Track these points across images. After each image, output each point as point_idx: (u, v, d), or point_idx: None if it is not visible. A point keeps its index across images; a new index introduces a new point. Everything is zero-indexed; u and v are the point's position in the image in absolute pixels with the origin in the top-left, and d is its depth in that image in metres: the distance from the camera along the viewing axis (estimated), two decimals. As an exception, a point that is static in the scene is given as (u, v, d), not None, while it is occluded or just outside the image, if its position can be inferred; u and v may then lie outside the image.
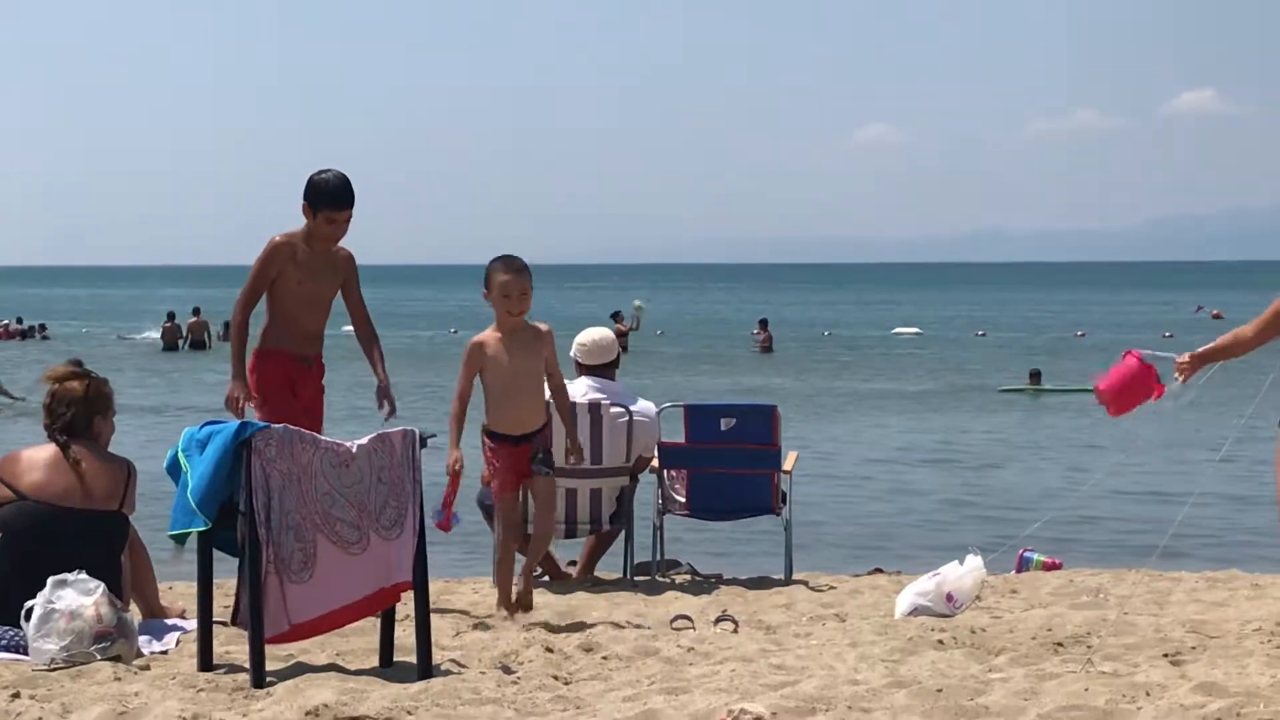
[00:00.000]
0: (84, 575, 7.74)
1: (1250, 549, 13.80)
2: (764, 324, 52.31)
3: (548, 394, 9.00)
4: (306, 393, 9.14)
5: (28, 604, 7.68)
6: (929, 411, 30.92)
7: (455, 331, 58.75)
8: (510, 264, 8.83)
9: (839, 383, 38.57)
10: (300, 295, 9.08)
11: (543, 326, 8.95)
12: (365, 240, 9.38)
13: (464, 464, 8.64)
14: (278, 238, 9.09)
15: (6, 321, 59.84)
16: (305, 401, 9.09)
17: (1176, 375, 7.97)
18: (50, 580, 7.70)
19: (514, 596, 8.94)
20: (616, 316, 46.70)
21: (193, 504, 7.31)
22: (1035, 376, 35.65)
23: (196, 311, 55.16)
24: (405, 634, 7.69)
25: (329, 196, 9.00)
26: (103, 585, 7.75)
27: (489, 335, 8.87)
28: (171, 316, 54.11)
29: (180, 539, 7.50)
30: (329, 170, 9.08)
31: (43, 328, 59.09)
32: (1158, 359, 8.27)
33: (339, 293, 9.25)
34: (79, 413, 8.51)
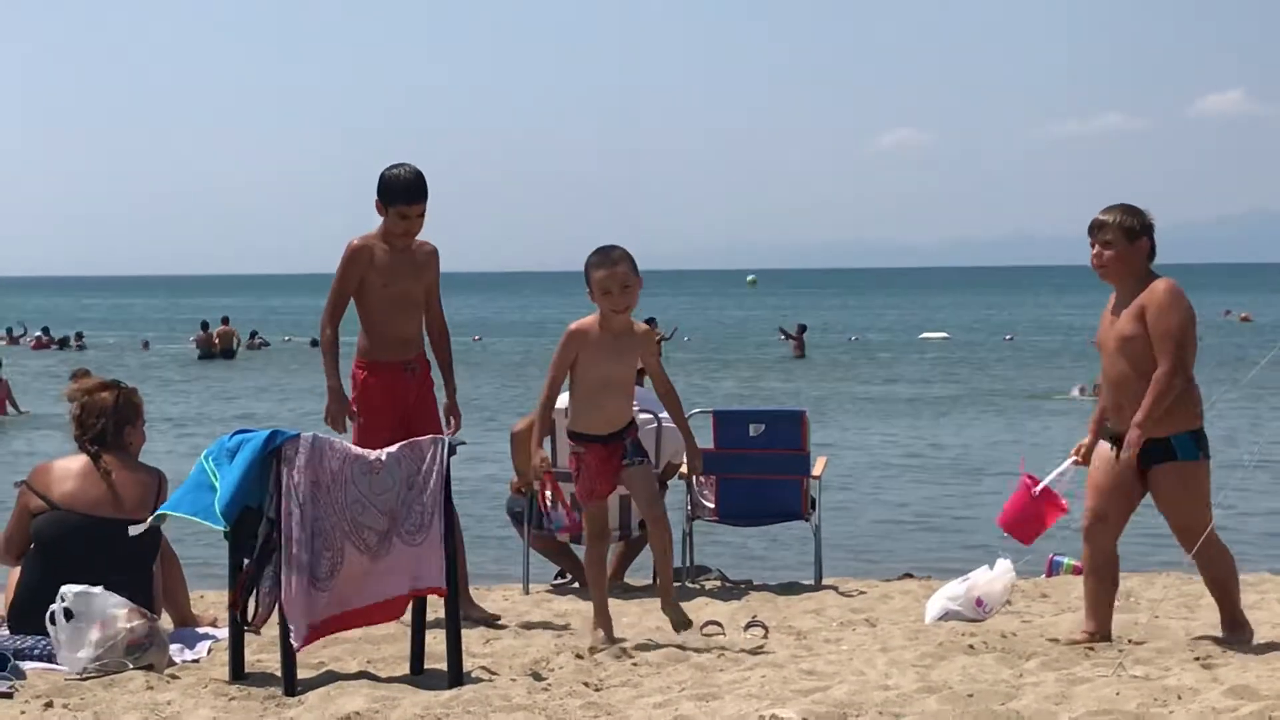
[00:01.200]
0: (102, 590, 7.72)
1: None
2: (801, 329, 52.34)
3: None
4: (407, 400, 8.90)
5: (51, 608, 7.69)
6: (957, 414, 30.89)
7: (478, 339, 58.65)
8: (607, 257, 8.08)
9: (862, 387, 38.60)
10: (387, 298, 8.88)
11: (641, 326, 8.33)
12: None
13: (549, 461, 8.32)
14: (355, 241, 8.91)
15: (39, 333, 60.17)
16: (406, 409, 8.86)
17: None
18: (72, 590, 7.68)
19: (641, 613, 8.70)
20: (651, 323, 46.73)
21: (217, 511, 7.30)
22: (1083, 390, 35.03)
23: (225, 321, 55.70)
24: (436, 641, 7.66)
25: (401, 192, 8.80)
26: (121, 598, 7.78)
27: (590, 323, 8.17)
28: (205, 326, 54.71)
29: (159, 519, 7.60)
30: (401, 165, 8.87)
31: (79, 337, 59.40)
32: (1055, 479, 8.64)
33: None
34: (109, 423, 8.54)
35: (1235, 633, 8.20)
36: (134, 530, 8.00)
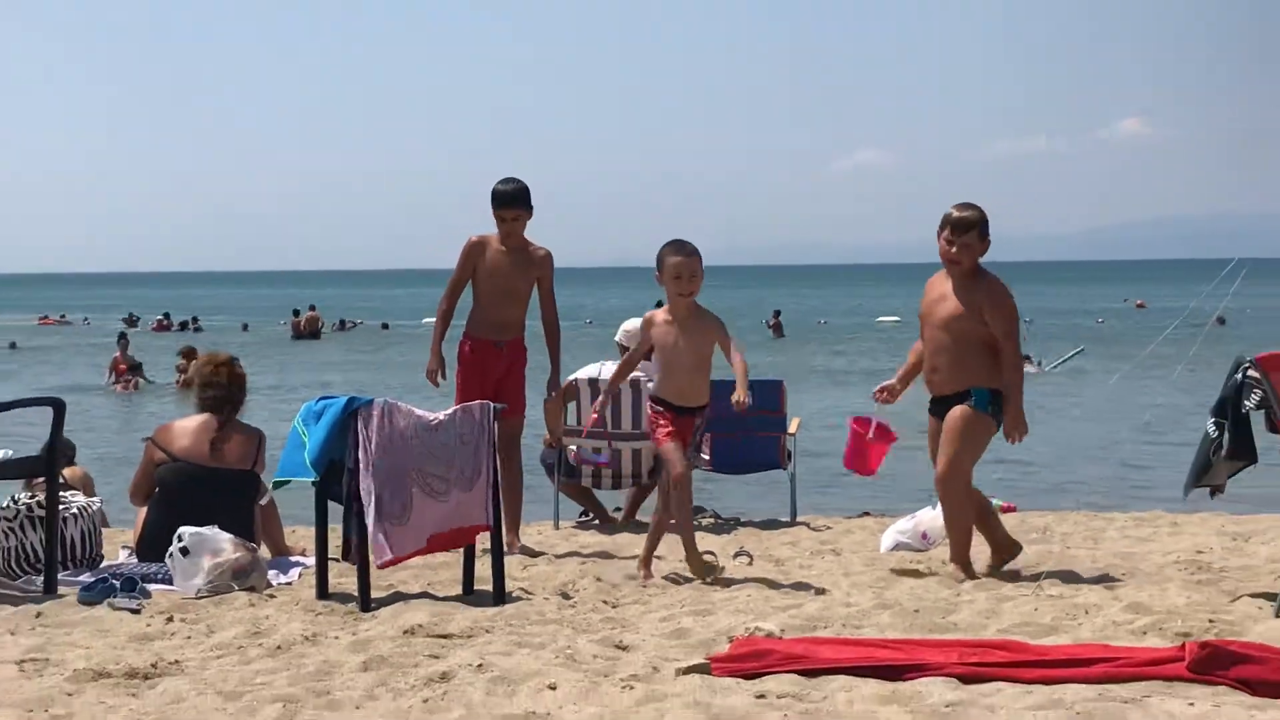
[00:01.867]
0: (215, 528, 7.84)
1: (1172, 492, 13.79)
2: (777, 314, 52.41)
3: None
4: (496, 372, 9.03)
5: (170, 549, 7.77)
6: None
7: (590, 322, 57.84)
8: (681, 248, 7.89)
9: (827, 360, 38.64)
10: (490, 287, 9.03)
11: (712, 313, 7.99)
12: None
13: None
14: (473, 237, 9.10)
15: (160, 317, 60.84)
16: (495, 379, 9.00)
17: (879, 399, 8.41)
18: (188, 529, 7.80)
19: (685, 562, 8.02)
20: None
21: (308, 463, 7.39)
22: (1026, 359, 35.07)
23: (312, 308, 55.96)
24: (483, 567, 7.74)
25: (498, 200, 8.98)
26: (228, 533, 7.87)
27: (659, 313, 8.04)
28: (297, 313, 55.27)
29: (279, 484, 7.62)
30: (508, 179, 9.03)
31: (195, 320, 60.07)
32: (874, 417, 8.63)
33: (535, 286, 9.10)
34: (221, 391, 8.63)
35: (963, 570, 7.95)
36: (262, 500, 8.42)
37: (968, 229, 8.00)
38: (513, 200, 8.96)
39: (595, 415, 8.32)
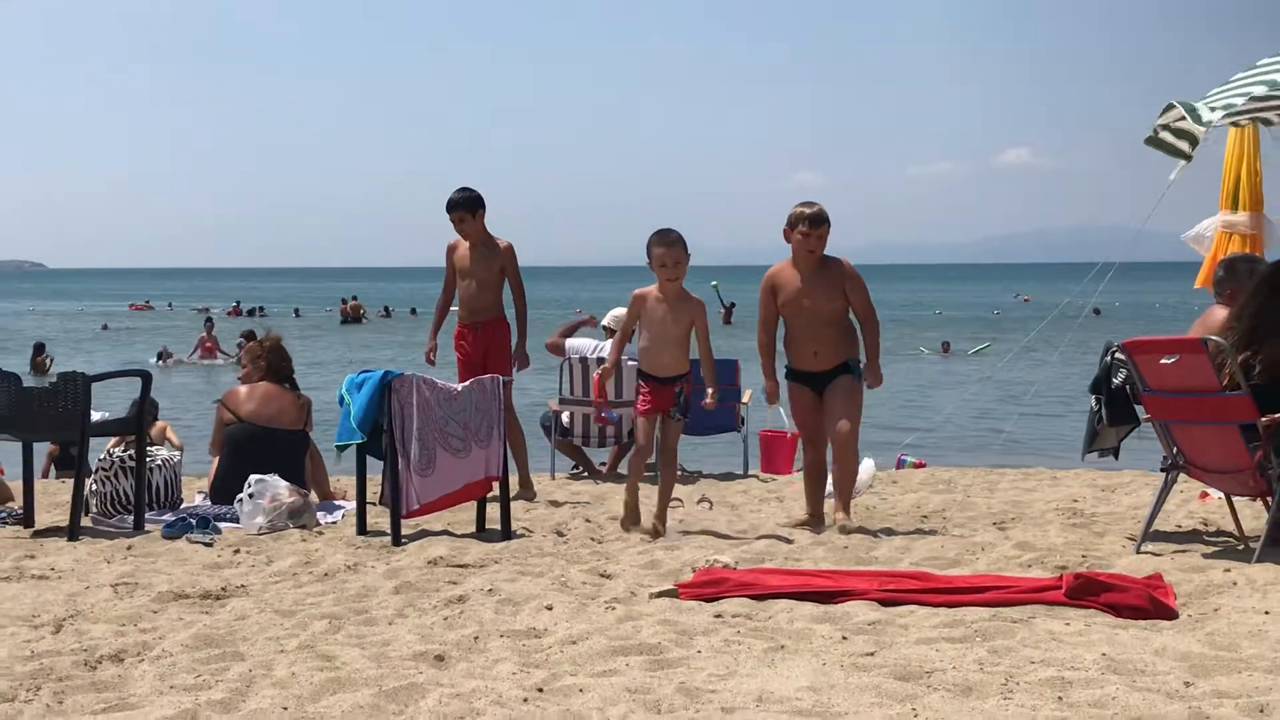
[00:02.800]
0: (276, 476, 7.84)
1: (1053, 452, 13.87)
2: (731, 305, 52.08)
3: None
4: (473, 347, 9.00)
5: (239, 495, 7.76)
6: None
7: (579, 311, 57.49)
8: (665, 238, 7.35)
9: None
10: (463, 279, 9.01)
11: (697, 297, 7.43)
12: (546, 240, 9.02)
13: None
14: (450, 241, 9.07)
15: (234, 304, 61.13)
16: (481, 353, 8.95)
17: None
18: (253, 476, 7.79)
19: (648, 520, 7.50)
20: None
21: (353, 425, 7.37)
22: (946, 346, 35.04)
23: (354, 298, 56.14)
24: (492, 510, 7.72)
25: (447, 206, 8.98)
26: (284, 481, 7.85)
27: (650, 290, 7.46)
28: (344, 300, 55.53)
29: (341, 448, 7.57)
30: (458, 189, 8.98)
31: (260, 308, 60.05)
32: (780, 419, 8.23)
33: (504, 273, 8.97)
34: (275, 364, 8.61)
35: (846, 519, 7.51)
36: (335, 467, 8.42)
37: (822, 222, 7.58)
38: (453, 206, 8.97)
39: (599, 400, 8.22)
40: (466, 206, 8.95)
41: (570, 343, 10.71)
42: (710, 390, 7.44)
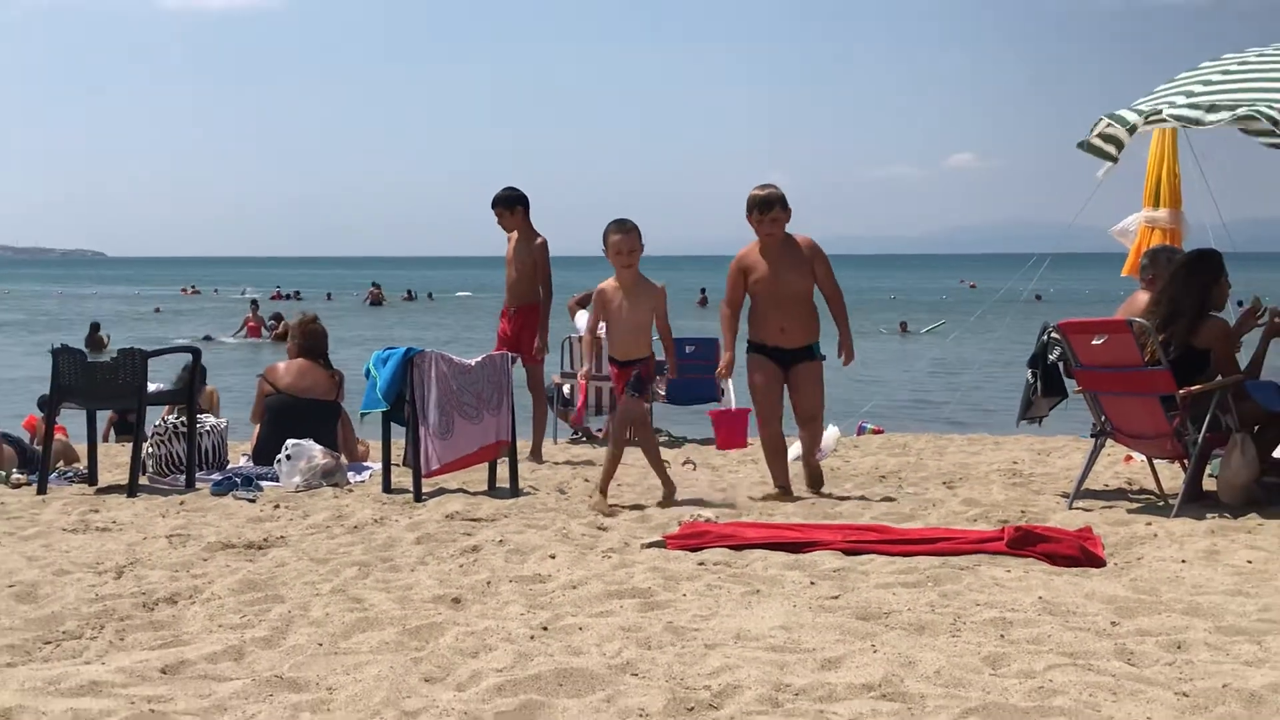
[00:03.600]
0: (311, 441, 7.82)
1: (995, 420, 13.90)
2: (704, 290, 51.95)
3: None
4: (512, 329, 8.96)
5: (278, 456, 7.75)
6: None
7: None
8: (620, 226, 6.85)
9: (743, 326, 38.51)
10: (508, 266, 8.97)
11: (659, 284, 7.01)
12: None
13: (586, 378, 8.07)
14: (508, 234, 9.06)
15: (276, 289, 61.14)
16: (514, 334, 8.93)
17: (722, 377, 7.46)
18: (290, 441, 7.77)
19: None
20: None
21: (379, 395, 7.35)
22: (904, 326, 34.95)
23: (377, 285, 55.91)
24: (502, 470, 7.71)
25: (491, 202, 8.98)
26: (319, 445, 7.83)
27: (610, 283, 7.03)
28: (374, 285, 55.54)
29: (364, 415, 7.56)
30: (504, 187, 9.00)
31: (297, 293, 59.97)
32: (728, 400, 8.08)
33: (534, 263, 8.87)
34: (309, 341, 8.58)
35: (814, 484, 7.30)
36: (361, 431, 8.40)
37: (772, 205, 7.00)
38: (492, 203, 9.02)
39: (583, 383, 8.16)
40: (504, 203, 8.98)
41: (580, 316, 10.73)
42: (669, 365, 7.30)
